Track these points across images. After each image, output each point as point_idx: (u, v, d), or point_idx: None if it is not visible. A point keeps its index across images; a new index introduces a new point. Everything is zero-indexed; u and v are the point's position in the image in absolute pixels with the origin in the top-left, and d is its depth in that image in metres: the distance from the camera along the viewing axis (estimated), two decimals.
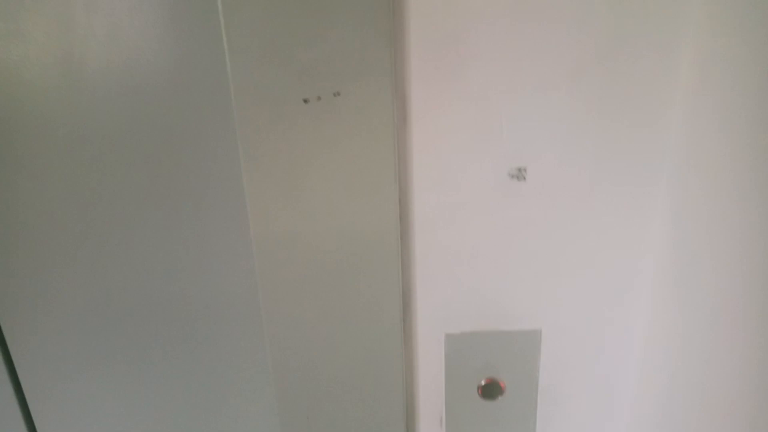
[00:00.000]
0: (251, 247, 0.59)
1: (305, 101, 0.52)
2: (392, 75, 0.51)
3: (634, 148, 0.54)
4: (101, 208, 0.59)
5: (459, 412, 0.64)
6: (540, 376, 0.62)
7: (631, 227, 0.57)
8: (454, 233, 0.57)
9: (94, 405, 0.67)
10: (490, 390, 0.62)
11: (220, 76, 0.54)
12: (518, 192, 0.56)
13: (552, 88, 0.51)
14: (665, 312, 0.57)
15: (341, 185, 0.55)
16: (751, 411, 0.45)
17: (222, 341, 0.64)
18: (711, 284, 0.49)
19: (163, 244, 0.60)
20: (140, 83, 0.54)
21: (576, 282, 0.59)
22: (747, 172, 0.44)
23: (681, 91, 0.51)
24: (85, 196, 0.58)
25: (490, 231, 0.57)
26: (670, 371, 0.56)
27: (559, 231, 0.57)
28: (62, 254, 0.60)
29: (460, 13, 0.49)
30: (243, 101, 0.52)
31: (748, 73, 0.43)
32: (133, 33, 0.52)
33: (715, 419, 0.50)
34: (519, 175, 0.55)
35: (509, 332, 0.60)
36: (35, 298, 0.62)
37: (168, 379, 0.66)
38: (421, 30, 0.50)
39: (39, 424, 0.68)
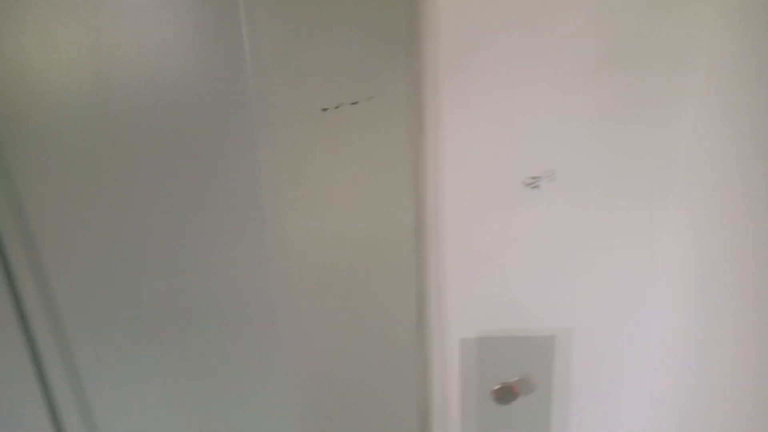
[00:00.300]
0: (268, 251, 0.60)
1: (324, 110, 0.53)
2: (409, 85, 0.52)
3: (650, 153, 0.54)
4: (124, 213, 0.60)
5: (473, 415, 0.64)
6: (554, 381, 0.63)
7: (651, 231, 0.57)
8: (469, 239, 0.58)
9: (128, 393, 0.69)
10: (504, 394, 0.62)
11: (242, 85, 0.56)
12: (533, 199, 0.56)
13: (568, 97, 0.52)
14: (688, 315, 0.57)
15: (358, 191, 0.56)
16: None
17: (242, 342, 0.66)
18: (735, 286, 0.49)
19: (184, 248, 0.62)
20: (164, 91, 0.56)
21: (591, 288, 0.59)
22: (760, 171, 0.44)
23: (695, 96, 0.51)
24: (109, 200, 0.60)
25: (505, 237, 0.58)
26: (691, 375, 0.56)
27: (575, 236, 0.57)
28: (81, 255, 0.62)
29: (475, 25, 0.50)
30: (263, 109, 0.54)
31: (761, 78, 0.43)
32: (158, 44, 0.54)
33: (740, 419, 0.50)
34: (534, 182, 0.56)
35: (524, 338, 0.61)
36: (70, 302, 0.64)
37: (190, 377, 0.68)
38: (437, 41, 0.51)
39: (95, 409, 0.70)
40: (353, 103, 0.53)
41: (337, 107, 0.53)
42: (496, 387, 0.63)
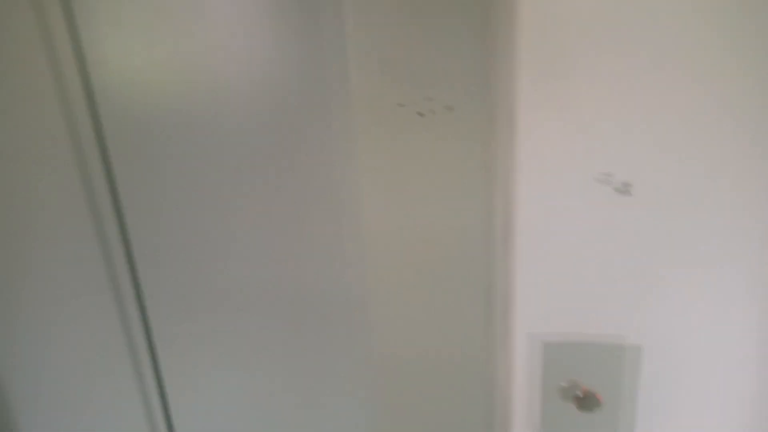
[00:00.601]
0: (361, 247, 0.65)
1: (420, 114, 0.58)
2: (501, 92, 0.55)
3: (741, 164, 0.53)
4: (228, 207, 0.67)
5: (554, 421, 0.64)
6: (639, 392, 0.61)
7: (739, 243, 0.55)
8: (555, 244, 0.59)
9: (217, 382, 0.75)
10: (587, 402, 0.62)
11: (344, 90, 0.61)
12: (622, 205, 0.56)
13: (660, 103, 0.53)
14: None
15: (449, 192, 0.60)
16: None
17: (326, 334, 0.70)
18: None
19: (279, 241, 0.67)
20: (272, 95, 0.62)
21: (680, 298, 0.58)
22: None
23: None
24: (216, 196, 0.67)
25: (592, 243, 0.58)
26: None
27: (663, 245, 0.57)
28: (178, 249, 0.69)
29: (567, 32, 0.52)
30: (363, 111, 0.59)
31: None
32: (269, 51, 0.60)
33: None
34: (624, 189, 0.56)
35: (609, 345, 0.60)
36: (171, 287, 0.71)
37: (282, 361, 0.73)
38: (529, 50, 0.54)
39: (171, 392, 0.77)
40: (447, 108, 0.57)
41: (433, 112, 0.57)
42: (580, 394, 0.62)
